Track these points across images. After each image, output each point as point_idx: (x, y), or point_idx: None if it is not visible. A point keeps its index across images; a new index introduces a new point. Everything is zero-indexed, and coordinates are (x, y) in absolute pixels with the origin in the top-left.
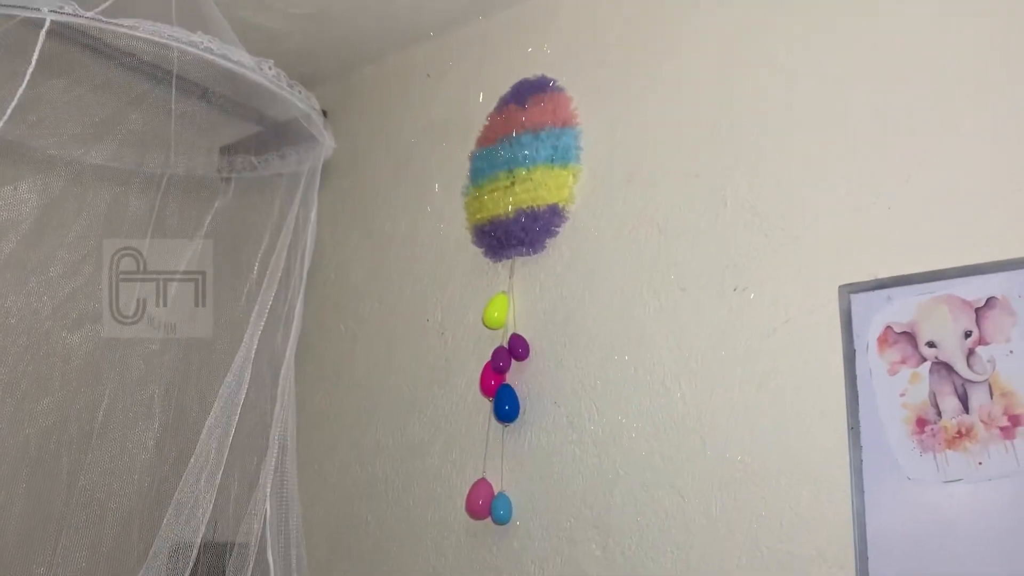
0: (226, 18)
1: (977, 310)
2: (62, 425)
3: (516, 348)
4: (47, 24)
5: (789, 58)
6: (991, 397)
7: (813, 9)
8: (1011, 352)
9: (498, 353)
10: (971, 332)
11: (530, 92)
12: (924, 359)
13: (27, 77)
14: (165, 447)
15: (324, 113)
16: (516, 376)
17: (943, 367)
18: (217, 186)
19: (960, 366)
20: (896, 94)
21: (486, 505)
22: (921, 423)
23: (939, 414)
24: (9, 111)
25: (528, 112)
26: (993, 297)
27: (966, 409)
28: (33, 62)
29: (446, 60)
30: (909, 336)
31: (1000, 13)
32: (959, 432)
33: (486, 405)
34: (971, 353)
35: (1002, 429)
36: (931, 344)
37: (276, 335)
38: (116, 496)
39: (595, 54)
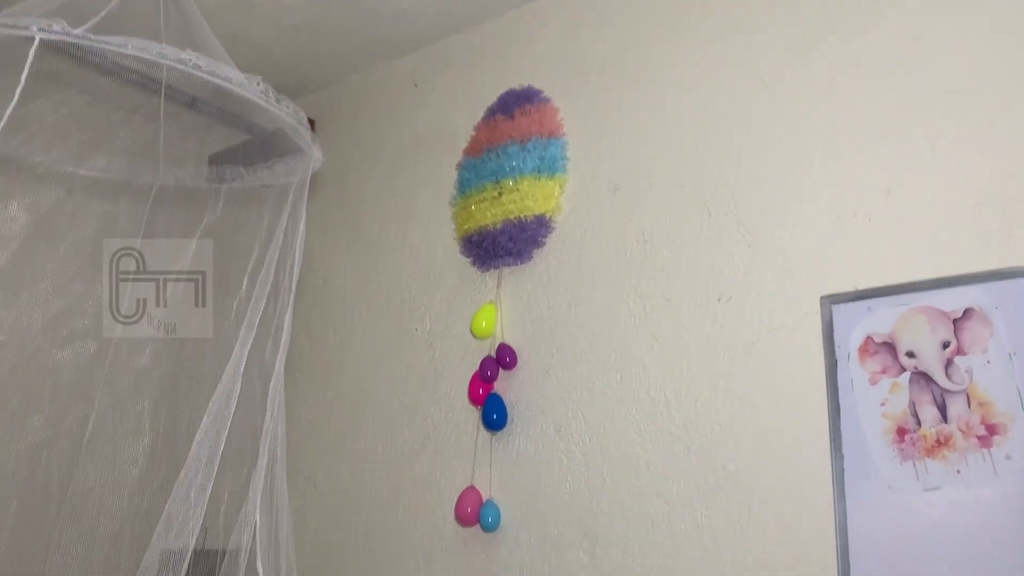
0: (216, 29)
1: (955, 321)
2: (52, 441)
3: (504, 357)
4: (36, 43)
5: (772, 72)
6: (969, 407)
7: (795, 25)
8: (988, 362)
9: (486, 362)
10: (949, 343)
11: (517, 103)
12: (904, 369)
13: (16, 96)
14: (155, 461)
15: (312, 124)
16: (504, 385)
17: (922, 377)
18: (207, 198)
19: (939, 376)
20: (876, 107)
21: (475, 512)
22: (901, 432)
23: (919, 423)
24: None
25: (515, 123)
26: (970, 308)
27: (944, 418)
28: (22, 80)
29: (433, 70)
30: (889, 346)
31: (980, 31)
32: (938, 441)
33: (475, 413)
34: (949, 363)
35: (979, 438)
36: (910, 354)
37: (265, 347)
38: (107, 511)
39: (581, 65)
